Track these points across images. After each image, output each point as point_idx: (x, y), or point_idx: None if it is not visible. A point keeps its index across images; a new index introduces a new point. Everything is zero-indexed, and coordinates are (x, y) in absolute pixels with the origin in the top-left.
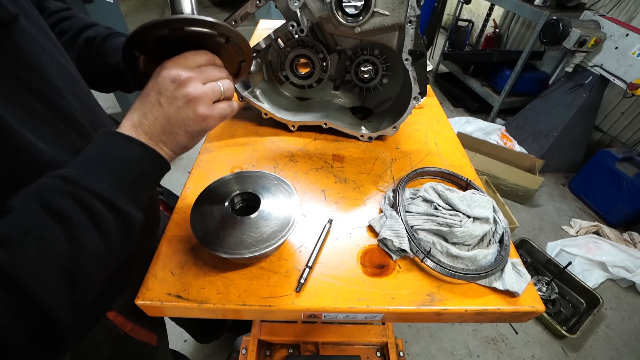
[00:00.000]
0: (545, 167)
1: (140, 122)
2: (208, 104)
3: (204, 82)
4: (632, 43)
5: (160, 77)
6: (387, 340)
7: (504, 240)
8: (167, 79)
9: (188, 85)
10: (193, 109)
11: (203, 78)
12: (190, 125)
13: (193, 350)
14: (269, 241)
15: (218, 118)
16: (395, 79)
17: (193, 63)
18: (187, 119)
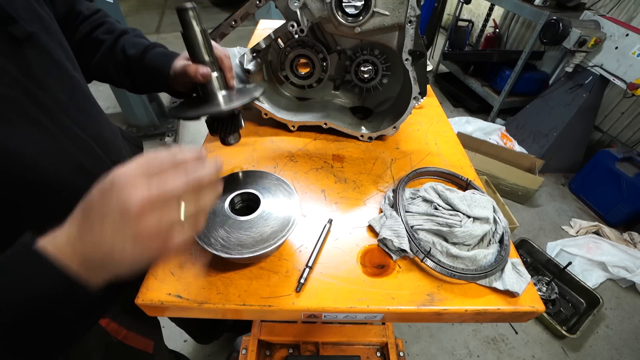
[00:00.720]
0: (545, 167)
1: (66, 239)
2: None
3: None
4: (632, 43)
5: (116, 187)
6: (387, 340)
7: (504, 240)
8: (120, 205)
9: (143, 219)
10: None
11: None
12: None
13: (193, 350)
14: (269, 241)
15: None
16: (395, 79)
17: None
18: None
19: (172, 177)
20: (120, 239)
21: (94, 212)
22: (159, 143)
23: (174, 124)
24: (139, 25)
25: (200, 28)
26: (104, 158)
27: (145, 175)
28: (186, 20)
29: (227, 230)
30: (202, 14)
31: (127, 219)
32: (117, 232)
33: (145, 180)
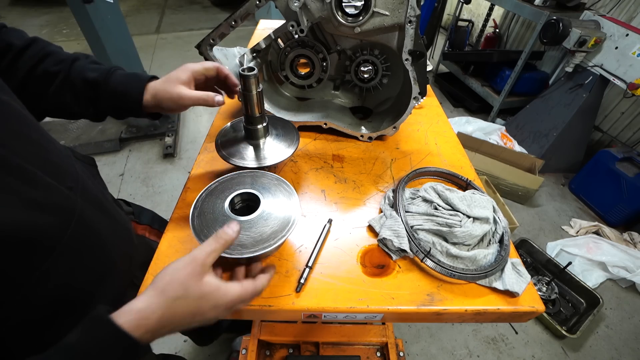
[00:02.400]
0: (545, 167)
1: (156, 322)
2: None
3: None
4: (632, 43)
5: (216, 299)
6: (387, 340)
7: (504, 240)
8: (220, 306)
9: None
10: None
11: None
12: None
13: (193, 350)
14: (268, 241)
15: None
16: (395, 79)
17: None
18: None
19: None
20: (194, 323)
21: (179, 307)
22: (159, 143)
23: (174, 124)
24: (139, 25)
25: (256, 91)
26: (57, 186)
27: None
28: (247, 84)
29: None
30: (202, 14)
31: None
32: (195, 321)
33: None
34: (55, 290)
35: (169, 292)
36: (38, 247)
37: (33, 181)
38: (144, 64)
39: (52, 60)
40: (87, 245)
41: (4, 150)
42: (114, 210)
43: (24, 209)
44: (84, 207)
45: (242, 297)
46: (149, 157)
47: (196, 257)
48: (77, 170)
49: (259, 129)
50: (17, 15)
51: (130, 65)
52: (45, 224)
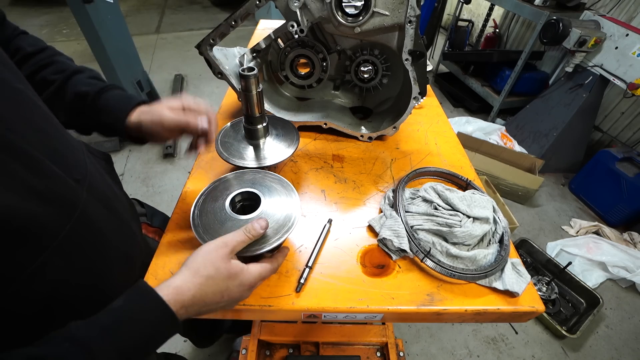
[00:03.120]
0: (545, 167)
1: (190, 299)
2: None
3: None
4: (632, 43)
5: (241, 278)
6: (387, 340)
7: (503, 240)
8: (245, 285)
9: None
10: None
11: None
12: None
13: (193, 350)
14: (269, 240)
15: None
16: (395, 79)
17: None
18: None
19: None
20: (233, 300)
21: (220, 283)
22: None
23: None
24: (139, 25)
25: (256, 91)
26: (64, 177)
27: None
28: (247, 84)
29: (228, 230)
30: (202, 14)
31: (248, 290)
32: (234, 298)
33: (261, 277)
34: (50, 284)
35: (202, 271)
36: (34, 237)
37: (38, 169)
38: (144, 64)
39: (53, 69)
40: (88, 242)
41: (13, 135)
42: (122, 209)
43: (24, 196)
44: (88, 202)
45: (262, 275)
46: (149, 157)
47: (227, 242)
48: (86, 164)
49: (259, 129)
50: (17, 15)
51: (130, 65)
52: (44, 215)
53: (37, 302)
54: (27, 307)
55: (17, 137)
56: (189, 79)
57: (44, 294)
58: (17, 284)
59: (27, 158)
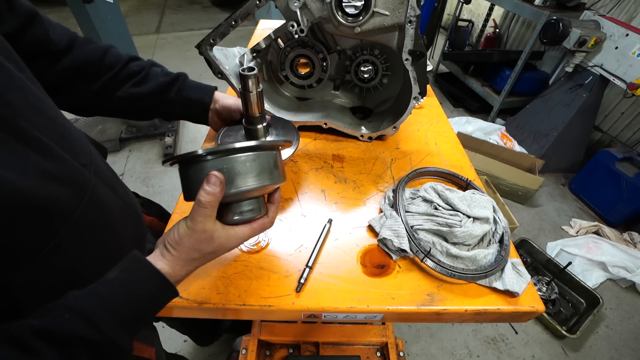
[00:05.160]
0: (545, 167)
1: (184, 275)
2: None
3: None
4: (632, 43)
5: (229, 245)
6: (387, 340)
7: (504, 240)
8: (236, 244)
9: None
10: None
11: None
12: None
13: (193, 350)
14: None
15: None
16: (395, 79)
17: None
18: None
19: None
20: (219, 253)
21: (207, 247)
22: (159, 143)
23: (174, 124)
24: (139, 25)
25: (257, 91)
26: (72, 161)
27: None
28: (247, 84)
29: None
30: (202, 14)
31: (234, 245)
32: (218, 253)
33: (242, 239)
34: (65, 263)
35: (184, 256)
36: (53, 216)
37: (49, 153)
38: None
39: (136, 64)
40: (99, 223)
41: (24, 122)
42: (125, 193)
43: (40, 178)
44: (97, 184)
45: (252, 235)
46: (149, 157)
47: (194, 228)
48: (90, 150)
49: (259, 129)
50: None
51: None
52: (59, 195)
53: (55, 278)
54: (44, 284)
55: (28, 124)
56: None
57: (59, 272)
58: (38, 261)
59: (39, 143)
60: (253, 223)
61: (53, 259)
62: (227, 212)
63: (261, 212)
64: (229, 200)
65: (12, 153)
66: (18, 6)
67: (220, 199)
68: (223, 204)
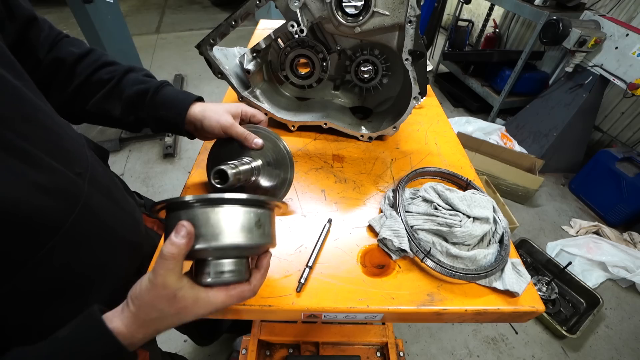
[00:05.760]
0: (545, 167)
1: (140, 323)
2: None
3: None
4: (632, 43)
5: (189, 301)
6: (387, 340)
7: (504, 240)
8: (203, 314)
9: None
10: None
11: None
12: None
13: (193, 350)
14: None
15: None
16: (395, 79)
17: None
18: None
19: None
20: (191, 316)
21: (161, 323)
22: (159, 143)
23: None
24: (139, 25)
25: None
26: (64, 171)
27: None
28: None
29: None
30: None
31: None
32: (189, 316)
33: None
34: (54, 273)
35: (142, 315)
36: (40, 229)
37: (37, 165)
38: (144, 64)
39: (107, 70)
40: (92, 232)
41: (10, 133)
42: (124, 199)
43: (28, 190)
44: (91, 194)
45: (227, 304)
46: (149, 157)
47: (154, 282)
48: (88, 157)
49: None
50: None
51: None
52: (48, 207)
53: (41, 291)
54: (31, 296)
55: (15, 135)
56: (189, 79)
57: (49, 282)
58: (23, 273)
59: (26, 155)
60: (230, 289)
61: (39, 270)
62: (202, 270)
63: (242, 276)
64: (203, 257)
65: (0, 166)
66: (18, 11)
67: (185, 253)
68: (200, 261)
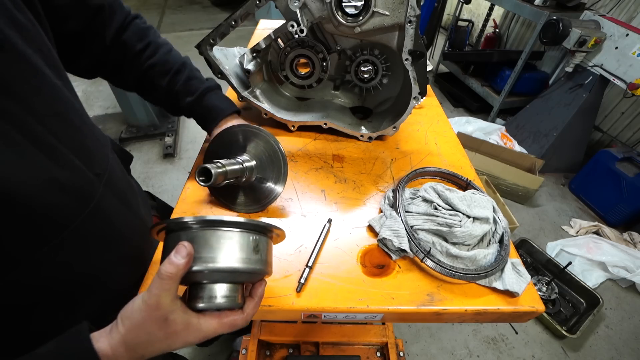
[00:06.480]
0: (545, 167)
1: (126, 347)
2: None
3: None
4: (632, 43)
5: (180, 326)
6: (387, 340)
7: (503, 240)
8: (192, 341)
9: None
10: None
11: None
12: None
13: (193, 350)
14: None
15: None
16: (395, 79)
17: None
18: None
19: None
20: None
21: (147, 348)
22: (159, 143)
23: (174, 124)
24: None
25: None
26: (84, 170)
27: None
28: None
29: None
30: (202, 14)
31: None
32: (169, 351)
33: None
34: (55, 271)
35: (130, 338)
36: (49, 224)
37: (62, 162)
38: None
39: (159, 70)
40: (99, 234)
41: (43, 128)
42: (137, 205)
43: (45, 185)
44: (105, 195)
45: (218, 332)
46: (149, 157)
47: (147, 302)
48: (109, 159)
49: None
50: None
51: None
52: (61, 204)
53: (40, 285)
54: (30, 289)
55: (46, 129)
56: None
57: (51, 278)
58: (25, 266)
59: (52, 150)
60: (222, 316)
61: (42, 265)
62: (195, 294)
63: (235, 303)
64: (198, 280)
65: (26, 157)
66: (86, 2)
67: (183, 274)
68: (194, 285)
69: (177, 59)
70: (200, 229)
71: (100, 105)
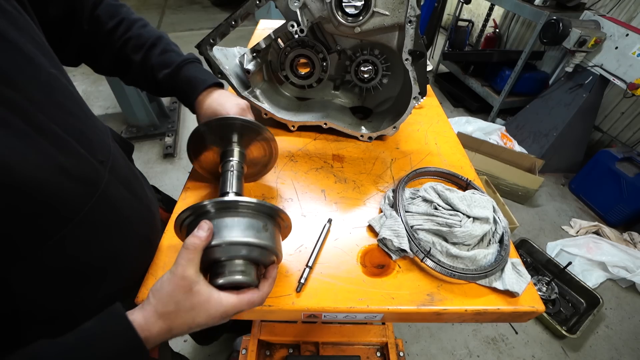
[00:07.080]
0: (545, 167)
1: (157, 333)
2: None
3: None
4: (632, 43)
5: (207, 308)
6: (387, 340)
7: (504, 240)
8: (215, 317)
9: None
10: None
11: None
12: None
13: (193, 350)
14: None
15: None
16: (395, 79)
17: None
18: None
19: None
20: (194, 329)
21: (174, 321)
22: (159, 143)
23: (174, 124)
24: None
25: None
26: (88, 157)
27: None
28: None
29: None
30: (202, 14)
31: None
32: (193, 329)
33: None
34: (67, 260)
35: (160, 307)
36: (59, 211)
37: (66, 148)
38: None
39: (132, 45)
40: (107, 221)
41: (44, 116)
42: (142, 192)
43: (54, 172)
44: (110, 183)
45: (237, 308)
46: (149, 157)
47: (175, 272)
48: (110, 147)
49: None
50: None
51: None
52: (69, 191)
53: (52, 276)
54: (42, 281)
55: (47, 118)
56: None
57: (60, 268)
58: (38, 254)
59: (56, 138)
60: (241, 294)
61: (54, 253)
62: (215, 271)
63: (252, 279)
64: (217, 256)
65: (31, 145)
66: None
67: (205, 245)
68: (213, 264)
69: (152, 33)
70: (216, 211)
71: (100, 105)
